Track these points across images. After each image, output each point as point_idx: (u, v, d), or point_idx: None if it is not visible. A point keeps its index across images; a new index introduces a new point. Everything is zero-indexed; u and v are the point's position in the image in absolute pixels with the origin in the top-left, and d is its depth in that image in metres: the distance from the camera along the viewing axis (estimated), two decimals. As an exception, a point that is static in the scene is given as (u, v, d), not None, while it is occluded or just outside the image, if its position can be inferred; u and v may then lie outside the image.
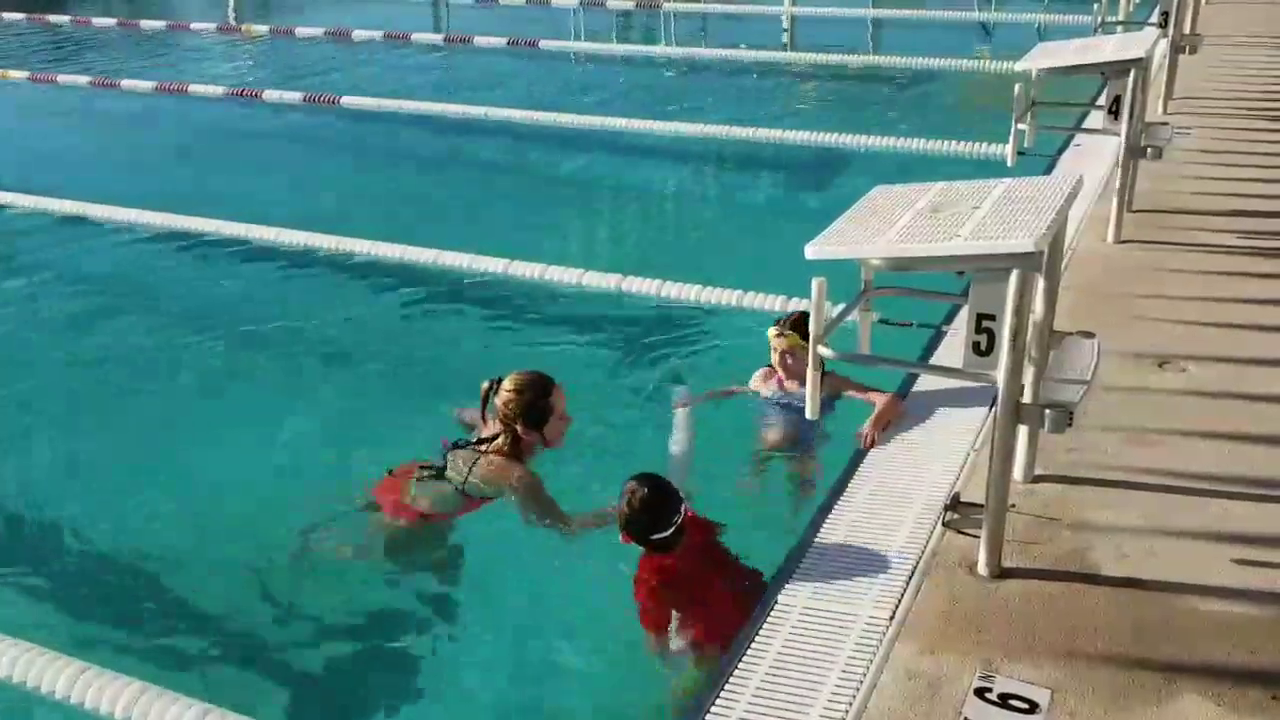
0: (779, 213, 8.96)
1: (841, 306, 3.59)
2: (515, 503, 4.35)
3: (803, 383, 4.78)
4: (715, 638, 3.69)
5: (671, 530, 3.76)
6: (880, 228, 3.43)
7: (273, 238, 7.98)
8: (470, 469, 4.32)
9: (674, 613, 3.85)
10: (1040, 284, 3.71)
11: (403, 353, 6.65)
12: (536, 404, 4.28)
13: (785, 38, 17.25)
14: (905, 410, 4.68)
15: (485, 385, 4.38)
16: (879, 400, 4.68)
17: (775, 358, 4.96)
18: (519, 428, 4.31)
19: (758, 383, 5.14)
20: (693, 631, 3.82)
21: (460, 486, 4.32)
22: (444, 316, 7.06)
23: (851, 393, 4.80)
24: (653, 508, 3.74)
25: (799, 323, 4.74)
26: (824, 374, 4.60)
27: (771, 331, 4.89)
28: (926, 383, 4.91)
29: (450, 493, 4.35)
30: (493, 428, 4.43)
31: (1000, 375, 3.27)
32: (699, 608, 3.82)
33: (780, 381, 5.01)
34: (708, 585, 3.83)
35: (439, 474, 4.39)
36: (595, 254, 8.02)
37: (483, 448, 4.38)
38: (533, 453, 4.46)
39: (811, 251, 3.40)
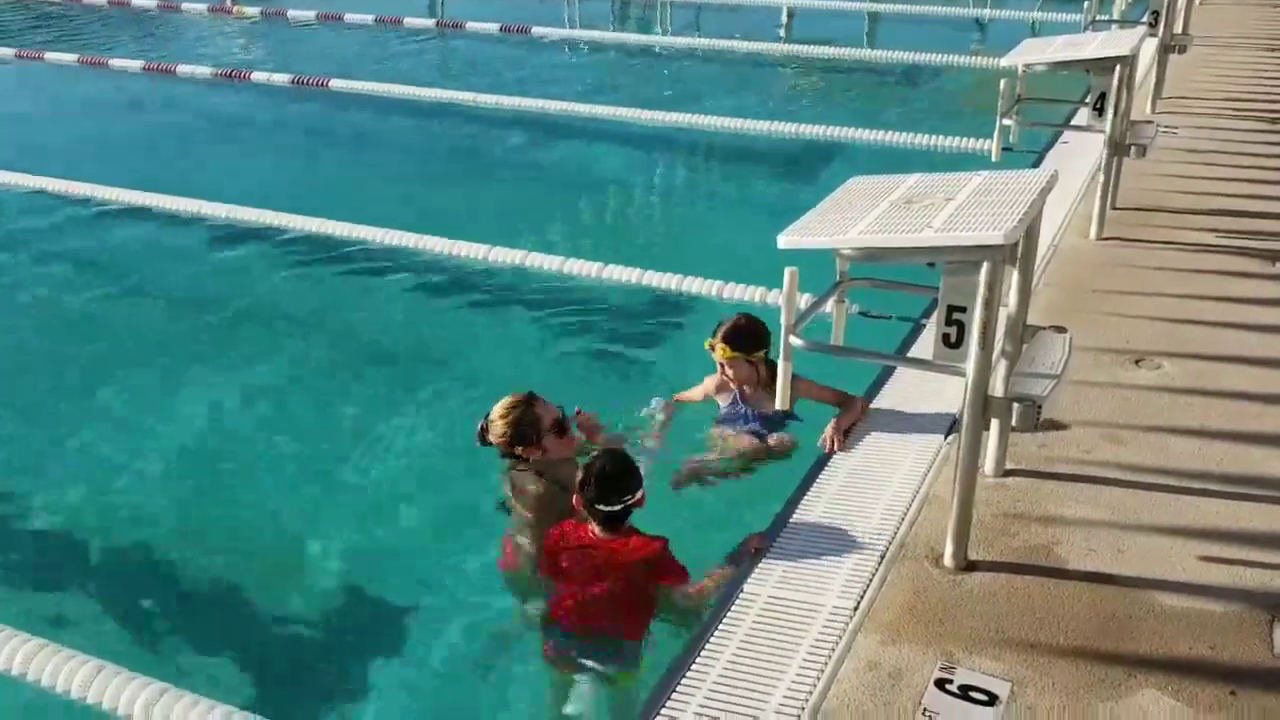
0: (768, 204, 8.94)
1: (816, 297, 3.58)
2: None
3: (752, 389, 4.80)
4: (568, 620, 3.75)
5: (616, 508, 3.73)
6: (853, 218, 3.42)
7: (253, 219, 7.96)
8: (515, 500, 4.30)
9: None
10: (1014, 277, 3.72)
11: (383, 336, 6.63)
12: (523, 422, 4.25)
13: (782, 30, 17.22)
14: (869, 414, 4.62)
15: (480, 425, 4.33)
16: (844, 404, 4.61)
17: (718, 367, 4.78)
18: (519, 451, 4.28)
19: (711, 390, 4.92)
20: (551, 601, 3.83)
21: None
22: (424, 301, 7.03)
23: (816, 396, 4.65)
24: (605, 481, 3.72)
25: (730, 334, 4.62)
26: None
27: (706, 344, 4.72)
28: (903, 376, 4.91)
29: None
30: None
31: (969, 367, 3.26)
32: (572, 588, 3.80)
33: (741, 394, 4.82)
34: (588, 582, 3.76)
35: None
36: (577, 242, 7.99)
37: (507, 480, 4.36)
38: (554, 468, 4.33)
39: (784, 241, 3.39)
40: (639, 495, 3.76)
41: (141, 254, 7.95)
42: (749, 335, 4.64)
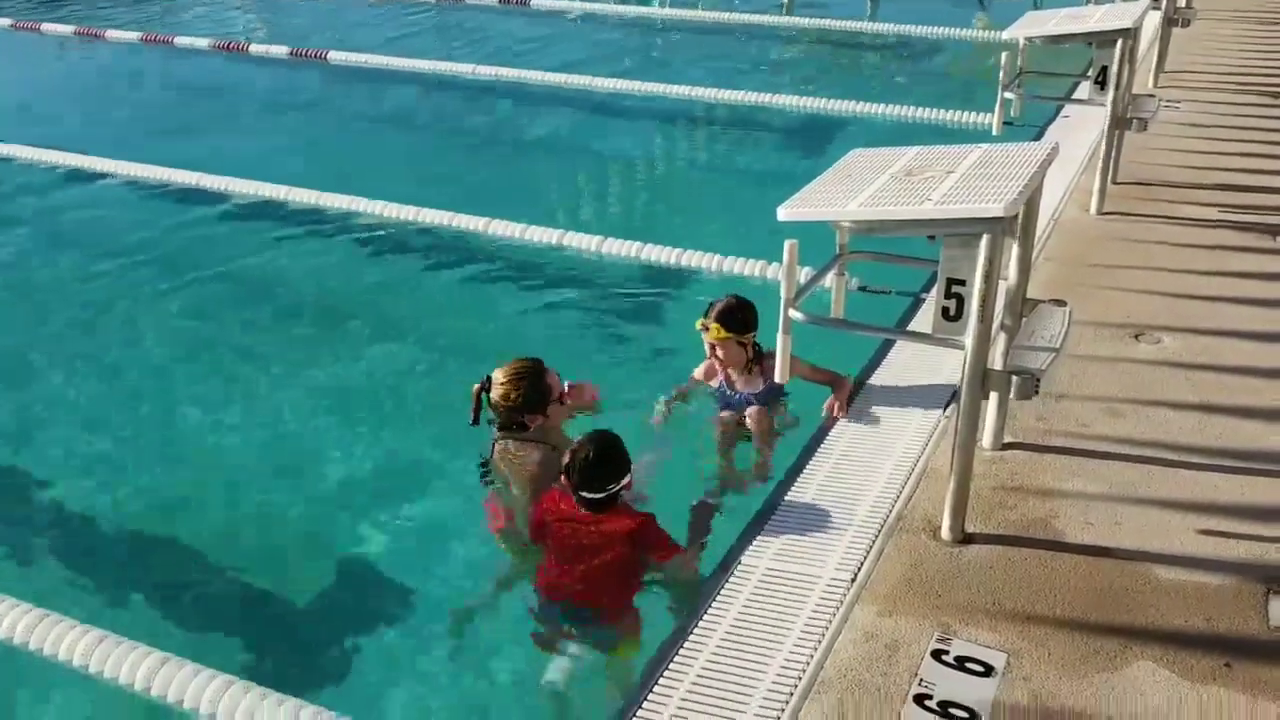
0: (768, 177, 8.91)
1: (816, 271, 3.58)
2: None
3: (739, 372, 4.78)
4: (553, 591, 3.76)
5: (600, 496, 3.71)
6: (854, 190, 3.41)
7: (251, 191, 7.95)
8: (506, 468, 4.25)
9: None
10: (1014, 250, 3.71)
11: (377, 308, 6.61)
12: (537, 389, 4.22)
13: (783, 2, 17.08)
14: (867, 389, 4.61)
15: (476, 387, 4.28)
16: (834, 383, 4.58)
17: (707, 350, 4.70)
18: (525, 417, 4.25)
19: (700, 378, 4.85)
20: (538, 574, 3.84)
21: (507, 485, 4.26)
22: (419, 272, 7.01)
23: (807, 375, 4.60)
24: (589, 468, 3.69)
25: (723, 315, 4.56)
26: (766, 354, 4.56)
27: (697, 325, 4.65)
28: (902, 350, 4.91)
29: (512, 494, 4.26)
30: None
31: (968, 340, 3.26)
32: (557, 559, 3.80)
33: (727, 377, 4.75)
34: (575, 555, 3.76)
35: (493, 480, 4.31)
36: (577, 214, 7.96)
37: (500, 447, 4.28)
38: (549, 434, 4.31)
39: (784, 213, 3.38)
40: (625, 481, 3.73)
41: (132, 227, 7.89)
42: (742, 316, 4.59)
